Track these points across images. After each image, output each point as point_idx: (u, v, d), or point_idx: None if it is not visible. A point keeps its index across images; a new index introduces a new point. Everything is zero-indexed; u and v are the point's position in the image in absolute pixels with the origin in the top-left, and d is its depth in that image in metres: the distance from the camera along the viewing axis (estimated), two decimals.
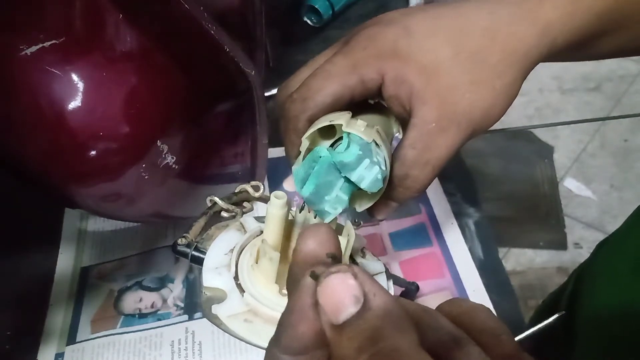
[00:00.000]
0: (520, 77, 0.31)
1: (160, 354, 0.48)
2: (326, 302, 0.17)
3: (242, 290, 0.31)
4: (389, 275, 0.35)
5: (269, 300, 0.30)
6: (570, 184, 1.61)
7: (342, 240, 0.30)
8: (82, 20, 0.40)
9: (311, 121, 0.31)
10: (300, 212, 0.32)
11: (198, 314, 0.51)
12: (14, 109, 0.41)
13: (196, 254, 0.34)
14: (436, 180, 0.60)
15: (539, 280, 1.42)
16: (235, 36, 0.42)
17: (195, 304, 0.51)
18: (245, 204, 0.38)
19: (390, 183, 0.31)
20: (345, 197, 0.30)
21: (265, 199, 0.39)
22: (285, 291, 0.30)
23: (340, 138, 0.30)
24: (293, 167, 0.31)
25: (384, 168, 0.29)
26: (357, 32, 0.32)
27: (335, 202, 0.30)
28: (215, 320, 0.31)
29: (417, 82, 0.30)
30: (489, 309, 0.21)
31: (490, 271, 0.53)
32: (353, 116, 0.31)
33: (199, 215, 0.36)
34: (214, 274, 0.32)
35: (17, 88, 0.40)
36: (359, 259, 0.35)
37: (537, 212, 1.56)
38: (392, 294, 0.34)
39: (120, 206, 0.46)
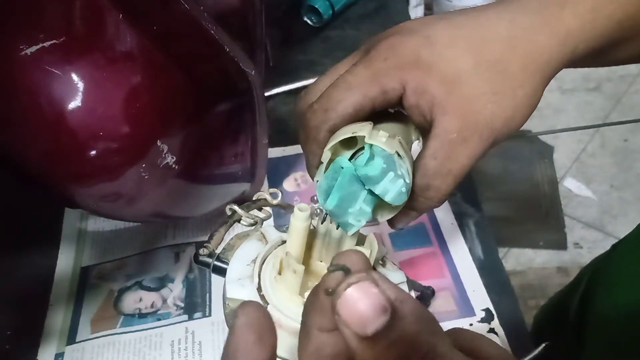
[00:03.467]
0: (542, 85, 0.31)
1: (160, 353, 0.48)
2: (349, 315, 0.16)
3: (265, 302, 0.31)
4: (411, 285, 0.34)
5: (293, 312, 0.30)
6: (570, 184, 1.61)
7: (365, 251, 0.30)
8: (82, 20, 0.40)
9: (332, 131, 0.31)
10: (322, 224, 0.32)
11: (198, 314, 0.51)
12: (14, 109, 0.41)
13: (218, 264, 0.35)
14: None
15: (539, 280, 1.42)
16: (235, 36, 0.42)
17: (195, 303, 0.51)
18: (264, 209, 0.38)
19: (411, 193, 0.31)
20: (369, 209, 0.29)
21: (282, 206, 0.40)
22: None
23: (362, 148, 0.30)
24: (315, 179, 0.31)
25: (408, 181, 0.29)
26: (378, 41, 0.32)
27: (358, 214, 0.29)
28: None
29: (439, 92, 0.30)
30: (490, 338, 0.21)
31: (490, 271, 0.53)
32: (374, 125, 0.31)
33: (219, 225, 0.36)
34: (237, 286, 0.32)
35: (17, 88, 0.40)
36: (379, 269, 0.34)
37: (537, 212, 1.56)
38: None
39: (120, 206, 0.46)
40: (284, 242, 0.34)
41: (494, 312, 0.49)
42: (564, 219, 1.54)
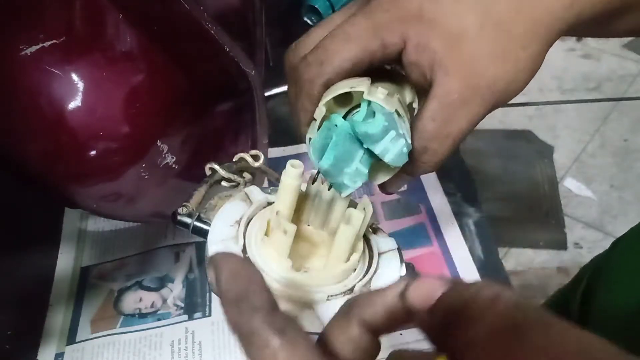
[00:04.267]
0: (544, 49, 0.30)
1: (160, 353, 0.48)
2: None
3: None
4: (401, 254, 0.33)
5: (282, 276, 0.28)
6: (570, 184, 1.61)
7: (359, 214, 0.28)
8: (82, 20, 0.40)
9: (327, 86, 0.29)
10: (313, 184, 0.30)
11: (198, 314, 0.51)
12: (14, 109, 0.41)
13: (199, 224, 0.32)
14: (436, 180, 0.60)
15: (538, 280, 1.42)
16: (235, 36, 0.42)
17: (195, 303, 0.51)
18: (245, 174, 0.36)
19: None
20: (365, 170, 0.28)
21: (264, 170, 0.38)
22: (297, 267, 0.28)
23: (356, 106, 0.28)
24: (307, 136, 0.29)
25: (409, 141, 0.28)
26: None
27: (354, 175, 0.28)
28: None
29: (441, 49, 0.28)
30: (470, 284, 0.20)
31: (490, 271, 0.53)
32: (372, 82, 0.29)
33: (200, 184, 0.34)
34: (220, 247, 0.30)
35: (17, 88, 0.40)
36: (370, 236, 0.33)
37: (537, 212, 1.56)
38: (404, 272, 0.32)
39: (120, 206, 0.46)
40: (270, 203, 0.32)
41: None
42: (564, 219, 1.54)
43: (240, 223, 0.31)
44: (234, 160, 0.36)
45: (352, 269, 0.30)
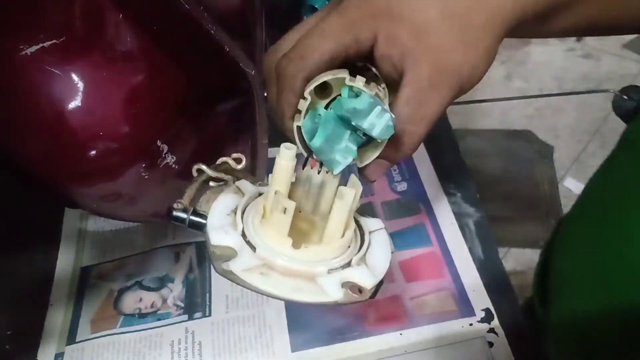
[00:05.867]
0: (497, 42, 0.33)
1: (160, 353, 0.48)
2: None
3: (252, 247, 0.31)
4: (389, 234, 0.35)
5: (284, 253, 0.30)
6: (570, 184, 1.61)
7: (350, 191, 0.30)
8: (82, 20, 0.40)
9: (308, 80, 0.31)
10: (303, 169, 0.32)
11: (198, 314, 0.51)
12: (14, 109, 0.41)
13: (195, 218, 0.33)
14: (436, 180, 0.60)
15: None
16: (235, 36, 0.42)
17: (195, 303, 0.51)
18: (227, 177, 0.37)
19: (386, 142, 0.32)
20: (354, 147, 0.30)
21: (246, 175, 0.39)
22: (297, 245, 0.30)
23: (334, 99, 0.31)
24: (295, 124, 0.32)
25: (393, 115, 0.30)
26: None
27: (345, 151, 0.30)
28: (230, 276, 0.30)
29: (409, 41, 0.31)
30: None
31: (490, 271, 0.53)
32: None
33: (189, 183, 0.36)
34: (221, 233, 0.31)
35: (17, 88, 0.40)
36: (357, 217, 0.35)
37: (537, 212, 1.56)
38: (393, 249, 0.35)
39: (120, 206, 0.46)
40: (261, 194, 0.34)
41: (493, 312, 0.49)
42: None
43: (236, 212, 0.32)
44: (217, 163, 0.37)
45: (347, 244, 0.32)
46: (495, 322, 0.49)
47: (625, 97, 0.49)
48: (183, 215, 0.33)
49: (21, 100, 0.40)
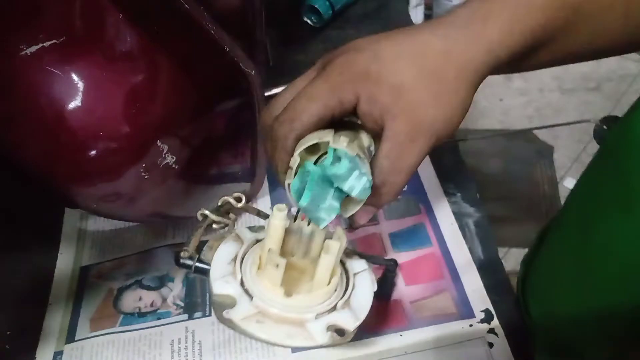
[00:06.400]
0: (472, 91, 0.36)
1: (160, 353, 0.48)
2: None
3: (249, 295, 0.34)
4: (373, 273, 0.40)
5: (277, 302, 0.34)
6: (570, 184, 1.61)
7: (335, 244, 0.34)
8: (82, 20, 0.40)
9: (298, 139, 0.34)
10: (294, 222, 0.36)
11: (198, 313, 0.51)
12: (14, 109, 0.41)
13: (200, 265, 0.38)
14: (436, 180, 0.60)
15: None
16: (235, 36, 0.42)
17: (195, 303, 0.51)
18: (230, 215, 0.42)
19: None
20: (337, 205, 0.33)
21: (246, 209, 0.44)
22: (288, 293, 0.35)
23: (324, 154, 0.34)
24: (286, 182, 0.34)
25: (370, 178, 0.33)
26: (333, 58, 0.36)
27: (329, 209, 0.33)
28: (229, 324, 0.34)
29: (387, 100, 0.34)
30: None
31: (490, 271, 0.53)
32: (335, 132, 0.35)
33: (195, 229, 0.40)
34: (222, 282, 0.35)
35: (17, 88, 0.40)
36: (345, 260, 0.39)
37: (537, 212, 1.56)
38: (375, 288, 0.39)
39: (120, 206, 0.46)
40: (258, 240, 0.38)
41: (493, 312, 0.49)
42: None
43: (235, 261, 0.37)
44: (219, 204, 0.41)
45: (333, 290, 0.36)
46: (495, 323, 0.49)
47: (605, 127, 0.50)
48: (189, 262, 0.38)
49: (21, 100, 0.40)
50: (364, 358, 0.47)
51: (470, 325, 0.49)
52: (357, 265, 0.39)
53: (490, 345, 0.47)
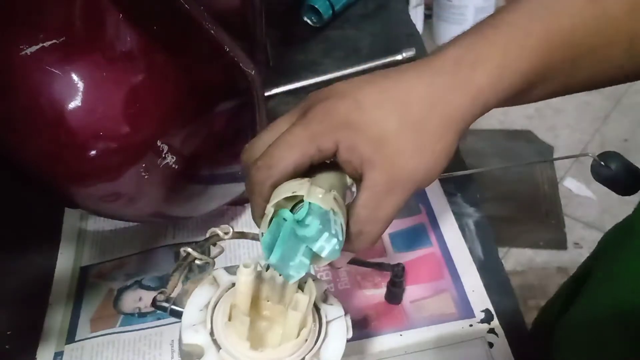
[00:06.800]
0: (457, 138, 0.35)
1: (160, 353, 0.48)
2: None
3: (217, 346, 0.34)
4: (348, 321, 0.39)
5: (243, 354, 0.34)
6: (570, 184, 1.61)
7: (304, 297, 0.35)
8: (82, 20, 0.40)
9: (275, 186, 0.34)
10: (267, 271, 0.36)
11: None
12: (14, 109, 0.41)
13: (175, 308, 0.38)
14: (436, 181, 0.60)
15: (539, 280, 1.42)
16: (235, 36, 0.42)
17: None
18: (218, 244, 0.41)
19: (347, 237, 0.34)
20: (307, 262, 0.33)
21: (241, 236, 0.43)
22: (255, 346, 0.35)
23: (301, 201, 0.33)
24: (260, 230, 0.34)
25: (341, 239, 0.33)
26: (314, 103, 0.35)
27: (298, 266, 0.33)
28: None
29: (367, 150, 0.33)
30: None
31: (490, 271, 0.53)
32: (312, 173, 0.35)
33: (174, 268, 0.39)
34: (192, 332, 0.35)
35: (17, 88, 0.40)
36: (320, 305, 0.38)
37: (537, 212, 1.56)
38: (350, 335, 0.38)
39: (120, 206, 0.46)
40: (234, 284, 0.37)
41: (493, 312, 0.49)
42: (564, 219, 1.54)
43: (208, 307, 0.36)
44: (207, 235, 0.41)
45: (302, 341, 0.35)
46: (495, 323, 0.49)
47: (603, 163, 0.49)
48: (166, 305, 0.38)
49: (21, 100, 0.40)
50: (364, 358, 0.47)
51: (470, 325, 0.49)
52: (332, 311, 0.38)
53: (490, 345, 0.47)
